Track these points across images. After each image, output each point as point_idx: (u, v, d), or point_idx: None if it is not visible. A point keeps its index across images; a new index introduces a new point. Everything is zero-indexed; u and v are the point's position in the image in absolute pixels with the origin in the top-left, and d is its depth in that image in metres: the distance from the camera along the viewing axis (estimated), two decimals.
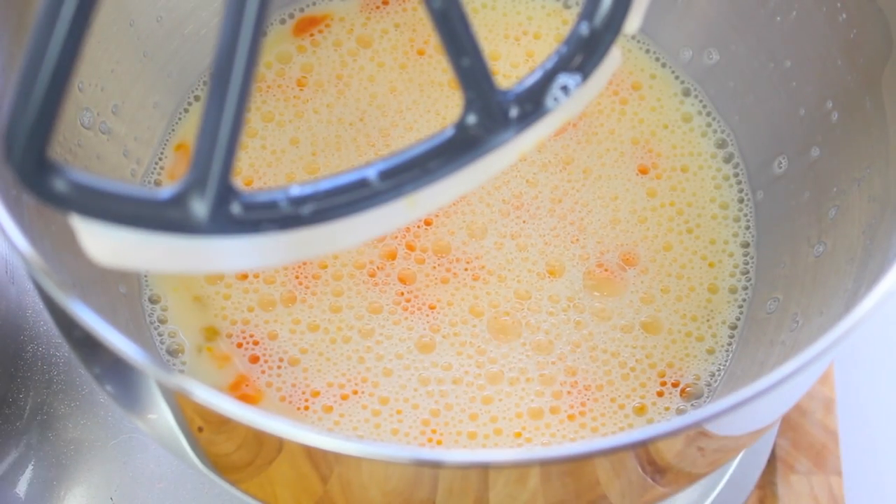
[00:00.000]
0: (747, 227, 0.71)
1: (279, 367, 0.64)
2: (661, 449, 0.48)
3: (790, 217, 0.70)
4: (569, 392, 0.64)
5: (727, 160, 0.73)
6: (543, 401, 0.64)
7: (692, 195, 0.72)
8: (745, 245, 0.70)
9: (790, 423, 0.75)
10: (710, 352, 0.66)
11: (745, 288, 0.69)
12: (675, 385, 0.65)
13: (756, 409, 0.47)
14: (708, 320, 0.67)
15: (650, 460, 0.49)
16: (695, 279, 0.69)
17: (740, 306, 0.68)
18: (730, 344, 0.67)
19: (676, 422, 0.44)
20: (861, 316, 0.47)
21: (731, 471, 0.70)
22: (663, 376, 0.65)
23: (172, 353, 0.64)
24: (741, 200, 0.72)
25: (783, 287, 0.67)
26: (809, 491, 0.72)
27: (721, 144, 0.74)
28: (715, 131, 0.74)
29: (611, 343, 0.66)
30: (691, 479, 0.56)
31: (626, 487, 0.51)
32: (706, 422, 0.45)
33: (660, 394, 0.65)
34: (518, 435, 0.63)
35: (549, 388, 0.64)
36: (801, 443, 0.74)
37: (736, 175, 0.72)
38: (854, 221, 0.62)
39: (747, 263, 0.70)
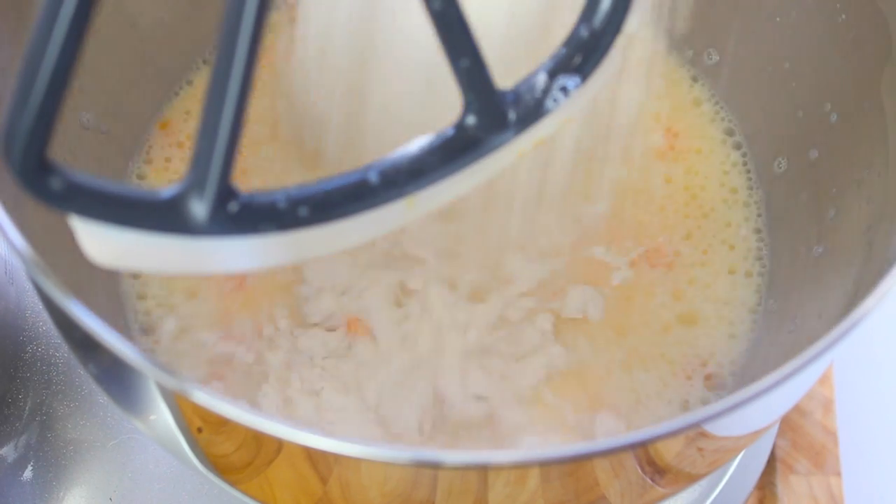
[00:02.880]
0: (759, 215, 0.71)
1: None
2: (661, 449, 0.48)
3: (789, 217, 0.70)
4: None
5: (737, 148, 0.74)
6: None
7: (705, 178, 0.72)
8: (758, 231, 0.71)
9: (790, 424, 0.75)
10: (733, 337, 0.67)
11: (762, 273, 0.69)
12: (708, 377, 0.65)
13: (755, 409, 0.47)
14: (729, 304, 0.68)
15: (650, 461, 0.49)
16: (718, 264, 0.69)
17: (757, 291, 0.68)
18: (752, 329, 0.67)
19: (676, 422, 0.44)
20: (860, 316, 0.47)
21: (730, 471, 0.70)
22: (705, 366, 0.65)
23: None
24: (750, 187, 0.72)
25: (783, 287, 0.67)
26: (809, 491, 0.72)
27: (729, 132, 0.74)
28: (723, 119, 0.75)
29: (651, 345, 0.66)
30: (691, 479, 0.56)
31: (625, 488, 0.51)
32: (705, 422, 0.45)
33: (703, 382, 0.65)
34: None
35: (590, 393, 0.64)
36: (800, 443, 0.74)
37: (745, 164, 0.73)
38: (853, 222, 0.62)
39: (761, 249, 0.70)
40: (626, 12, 0.41)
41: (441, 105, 0.45)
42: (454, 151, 0.40)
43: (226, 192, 0.38)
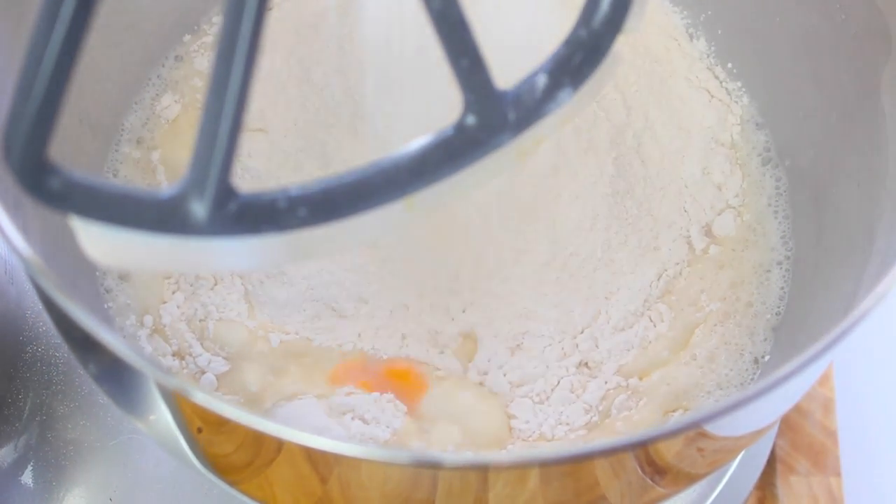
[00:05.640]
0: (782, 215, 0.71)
1: None
2: (661, 449, 0.48)
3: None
4: None
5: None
6: None
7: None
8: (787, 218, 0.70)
9: (790, 424, 0.75)
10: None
11: (788, 258, 0.69)
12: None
13: (755, 409, 0.47)
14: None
15: (650, 461, 0.49)
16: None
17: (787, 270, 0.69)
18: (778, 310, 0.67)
19: (676, 422, 0.44)
20: (860, 316, 0.47)
21: (730, 471, 0.70)
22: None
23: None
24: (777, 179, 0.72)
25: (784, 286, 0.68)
26: (809, 491, 0.72)
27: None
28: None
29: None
30: (691, 479, 0.55)
31: (625, 488, 0.51)
32: (705, 422, 0.45)
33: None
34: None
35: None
36: (800, 443, 0.74)
37: (768, 150, 0.72)
38: (853, 222, 0.62)
39: (784, 234, 0.70)
40: (625, 12, 0.41)
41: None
42: (454, 151, 0.40)
43: (225, 192, 0.38)
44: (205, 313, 0.64)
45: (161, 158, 0.70)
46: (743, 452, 0.70)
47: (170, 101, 0.72)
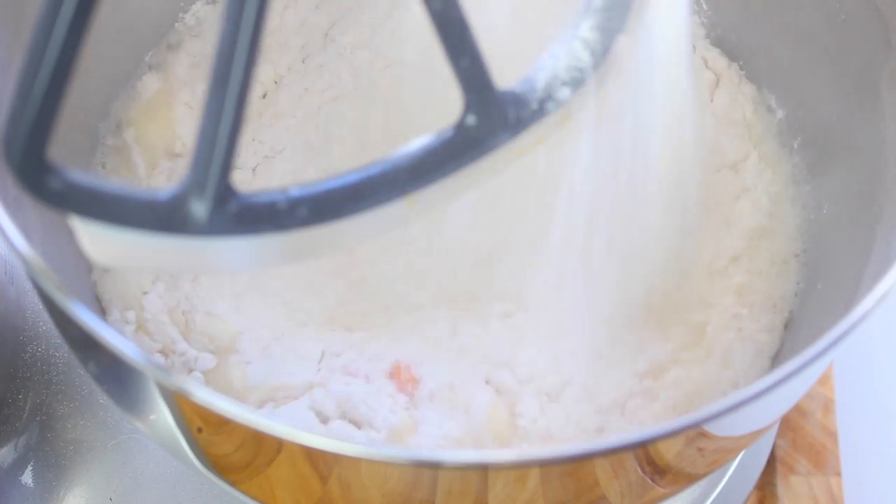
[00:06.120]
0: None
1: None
2: (661, 449, 0.48)
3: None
4: None
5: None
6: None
7: None
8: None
9: (790, 424, 0.75)
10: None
11: (805, 251, 0.68)
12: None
13: (755, 409, 0.47)
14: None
15: (650, 461, 0.49)
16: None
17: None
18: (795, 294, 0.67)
19: (676, 422, 0.44)
20: (860, 316, 0.47)
21: (730, 472, 0.70)
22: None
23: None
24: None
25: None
26: (809, 491, 0.72)
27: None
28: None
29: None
30: (691, 479, 0.55)
31: (625, 488, 0.51)
32: (705, 422, 0.45)
33: None
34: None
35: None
36: (800, 443, 0.74)
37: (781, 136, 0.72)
38: (853, 222, 0.62)
39: (800, 226, 0.69)
40: (626, 11, 0.41)
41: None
42: (454, 151, 0.40)
43: (226, 193, 0.38)
44: (189, 306, 0.64)
45: (135, 137, 0.69)
46: (743, 452, 0.70)
47: (152, 80, 0.72)
